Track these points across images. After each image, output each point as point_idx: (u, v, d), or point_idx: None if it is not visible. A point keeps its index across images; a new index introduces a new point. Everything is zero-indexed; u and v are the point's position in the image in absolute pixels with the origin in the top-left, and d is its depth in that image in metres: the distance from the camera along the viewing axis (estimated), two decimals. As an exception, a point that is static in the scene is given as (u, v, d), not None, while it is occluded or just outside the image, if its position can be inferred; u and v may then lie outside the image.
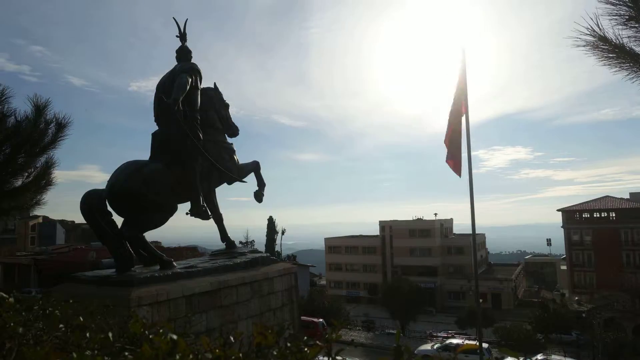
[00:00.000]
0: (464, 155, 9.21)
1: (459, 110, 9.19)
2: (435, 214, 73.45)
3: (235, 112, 9.81)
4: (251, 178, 10.09)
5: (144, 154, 8.12)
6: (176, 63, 8.72)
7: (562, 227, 61.25)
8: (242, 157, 9.80)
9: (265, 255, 10.10)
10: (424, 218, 74.83)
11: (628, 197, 60.37)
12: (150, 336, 1.66)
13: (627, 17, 3.52)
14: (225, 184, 9.67)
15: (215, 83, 9.76)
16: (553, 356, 31.10)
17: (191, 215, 8.44)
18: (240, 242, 64.46)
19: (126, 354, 1.63)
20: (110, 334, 1.74)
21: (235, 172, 9.39)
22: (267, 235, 77.45)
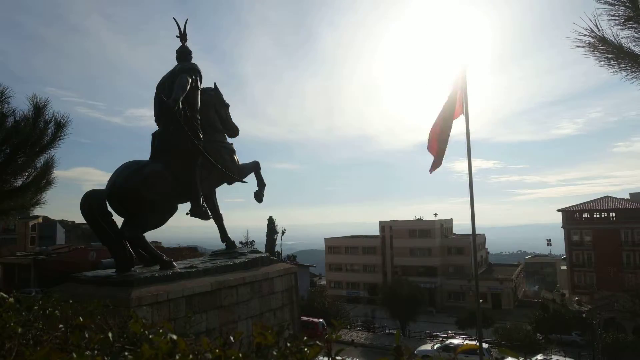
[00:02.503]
0: (465, 156, 9.26)
1: (448, 118, 9.34)
2: (435, 214, 73.50)
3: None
4: (251, 178, 10.09)
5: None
6: (176, 63, 8.71)
7: (562, 227, 61.25)
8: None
9: (265, 255, 10.10)
10: (424, 218, 74.82)
11: (628, 197, 60.40)
12: (150, 336, 1.65)
13: (625, 17, 3.52)
14: (225, 184, 9.67)
15: (215, 83, 9.76)
16: (553, 356, 31.10)
17: (191, 216, 8.44)
18: (240, 242, 64.39)
19: (126, 354, 1.62)
20: (110, 334, 1.74)
21: (236, 172, 9.38)
22: (267, 236, 77.38)
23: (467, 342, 31.68)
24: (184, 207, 8.36)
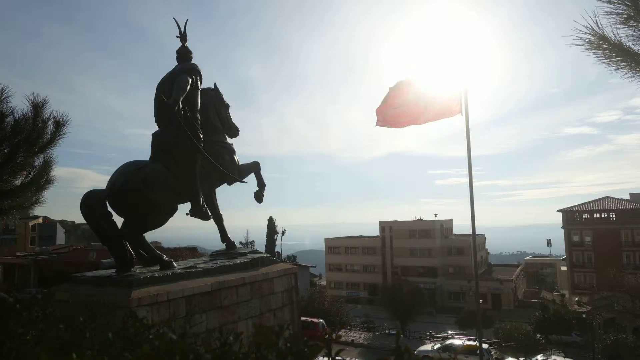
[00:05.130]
0: (465, 159, 9.30)
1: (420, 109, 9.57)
2: (436, 215, 73.53)
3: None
4: (251, 179, 10.08)
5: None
6: (176, 63, 8.71)
7: (562, 227, 61.25)
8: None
9: (265, 255, 10.09)
10: (424, 219, 74.83)
11: (628, 197, 60.41)
12: (150, 336, 1.65)
13: (625, 16, 3.54)
14: (225, 184, 9.67)
15: (215, 83, 9.75)
16: (553, 357, 31.09)
17: (191, 216, 8.43)
18: (241, 243, 64.43)
19: (126, 354, 1.62)
20: (110, 334, 1.74)
21: (236, 173, 9.38)
22: (267, 236, 77.51)
23: (467, 342, 31.71)
24: (184, 207, 8.36)
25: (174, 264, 7.95)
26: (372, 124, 10.00)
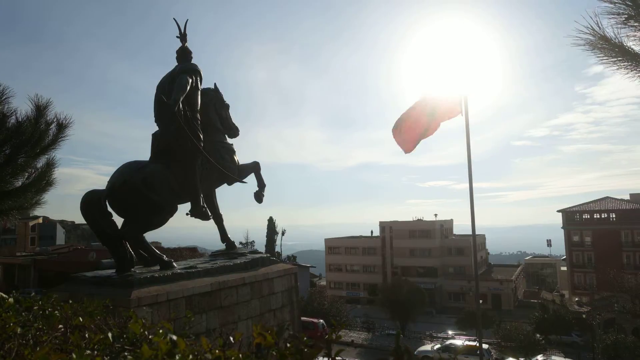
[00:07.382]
0: (465, 160, 9.31)
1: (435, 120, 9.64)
2: (436, 215, 73.50)
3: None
4: (251, 179, 10.09)
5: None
6: (176, 63, 8.71)
7: (562, 227, 61.25)
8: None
9: (265, 255, 10.09)
10: (424, 219, 74.81)
11: (628, 198, 60.41)
12: (150, 337, 1.66)
13: (626, 15, 3.55)
14: (225, 184, 9.67)
15: (215, 84, 9.76)
16: (553, 357, 31.07)
17: (191, 216, 8.44)
18: (240, 243, 64.43)
19: (126, 354, 1.63)
20: (109, 335, 1.74)
21: (236, 173, 9.38)
22: (267, 236, 77.50)
23: (467, 343, 31.69)
24: (184, 207, 8.37)
25: (174, 264, 7.95)
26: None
